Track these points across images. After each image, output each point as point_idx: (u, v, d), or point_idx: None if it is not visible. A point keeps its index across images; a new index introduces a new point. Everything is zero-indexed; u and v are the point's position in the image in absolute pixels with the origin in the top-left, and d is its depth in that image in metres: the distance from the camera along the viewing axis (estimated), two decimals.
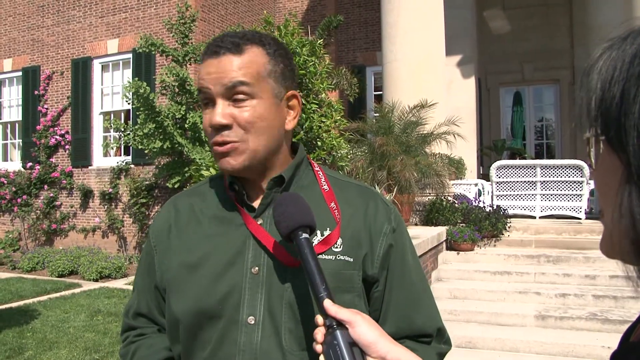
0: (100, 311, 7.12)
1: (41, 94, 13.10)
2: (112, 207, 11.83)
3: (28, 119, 13.31)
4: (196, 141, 9.24)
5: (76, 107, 12.50)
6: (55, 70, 12.97)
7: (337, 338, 0.95)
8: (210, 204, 1.25)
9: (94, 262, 9.77)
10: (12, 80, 14.06)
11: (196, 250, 1.19)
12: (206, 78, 1.16)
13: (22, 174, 13.09)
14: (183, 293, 1.17)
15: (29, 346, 5.75)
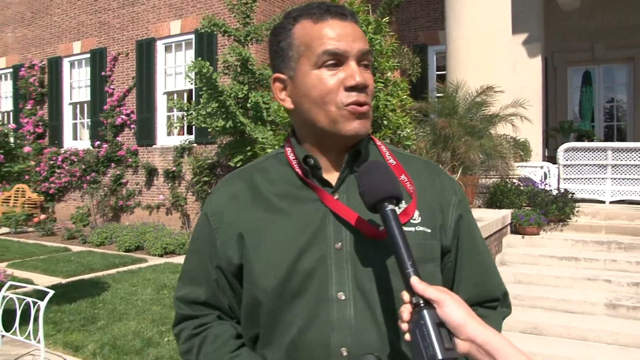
0: (166, 285, 7.33)
1: (108, 75, 13.47)
2: (176, 185, 12.11)
3: (96, 100, 13.74)
4: (258, 120, 9.32)
5: (140, 87, 12.80)
6: (120, 52, 13.29)
7: (424, 317, 0.92)
8: (276, 181, 1.22)
9: (159, 238, 10.05)
10: (80, 62, 14.51)
11: (272, 229, 1.16)
12: (340, 38, 1.14)
13: (91, 152, 13.57)
14: (263, 273, 1.14)
15: (101, 316, 5.99)
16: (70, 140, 14.66)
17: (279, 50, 1.20)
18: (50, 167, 14.38)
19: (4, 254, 9.92)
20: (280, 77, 1.21)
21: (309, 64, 1.15)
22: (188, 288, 1.27)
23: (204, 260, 1.24)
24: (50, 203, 14.69)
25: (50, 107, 14.92)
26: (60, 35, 14.73)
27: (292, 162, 1.22)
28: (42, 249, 10.62)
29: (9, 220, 13.11)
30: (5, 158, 5.02)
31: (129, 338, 5.24)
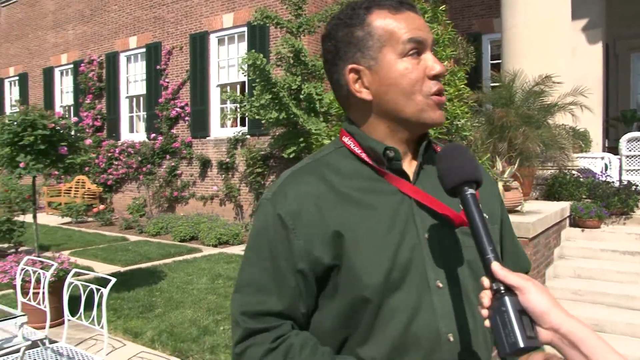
0: (221, 275, 7.44)
1: (162, 68, 13.73)
2: (229, 176, 12.28)
3: (151, 93, 14.04)
4: (311, 112, 9.33)
5: (194, 80, 13.00)
6: (175, 46, 13.53)
7: (506, 304, 0.90)
8: (349, 176, 1.17)
9: (213, 229, 10.22)
10: (136, 56, 14.85)
11: (365, 225, 1.12)
12: (419, 27, 1.15)
13: (147, 144, 13.89)
14: (367, 271, 1.10)
15: (158, 304, 6.13)
16: (127, 132, 15.04)
17: (353, 40, 1.16)
18: (108, 159, 14.80)
19: (66, 243, 10.29)
20: (356, 68, 1.16)
21: (394, 53, 1.13)
22: (256, 298, 1.13)
23: (277, 266, 1.13)
24: (109, 194, 15.13)
25: (108, 100, 15.34)
26: (117, 31, 15.10)
27: (360, 154, 1.18)
28: (102, 238, 10.95)
29: (70, 210, 13.57)
30: (69, 150, 5.18)
31: (185, 326, 5.35)
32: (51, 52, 17.51)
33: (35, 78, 18.23)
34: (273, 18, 9.73)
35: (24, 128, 4.98)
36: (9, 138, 4.97)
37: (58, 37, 17.22)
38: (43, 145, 5.03)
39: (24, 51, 18.81)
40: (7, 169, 5.13)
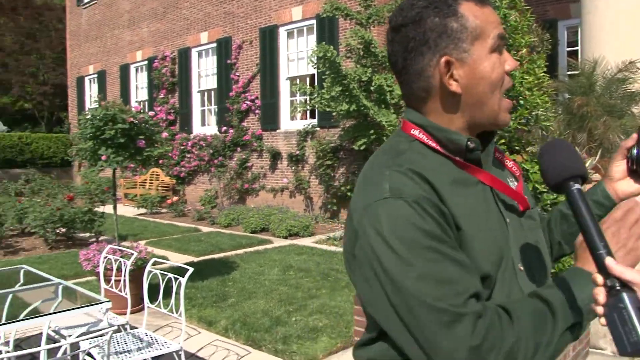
0: (292, 267, 7.51)
1: (233, 62, 13.96)
2: (299, 169, 12.36)
3: (222, 87, 14.30)
4: (381, 103, 9.26)
5: (264, 73, 13.15)
6: (245, 40, 13.71)
7: (624, 301, 0.87)
8: (434, 170, 1.11)
9: (284, 221, 10.32)
10: (207, 51, 15.16)
11: (466, 218, 1.08)
12: (500, 23, 1.16)
13: (218, 137, 14.18)
14: (482, 259, 1.07)
15: (231, 294, 6.24)
16: (199, 126, 15.40)
17: (447, 31, 1.12)
18: (181, 152, 15.22)
19: (142, 233, 10.65)
20: (449, 60, 1.12)
21: (486, 47, 1.13)
22: (450, 290, 0.99)
23: (441, 249, 1.01)
24: (181, 186, 15.56)
25: (181, 95, 15.74)
26: (189, 27, 15.46)
27: (436, 147, 1.16)
28: (175, 229, 11.27)
29: (145, 201, 14.05)
30: (146, 143, 5.35)
31: (258, 316, 5.42)
32: (127, 49, 18.13)
33: (113, 75, 18.94)
34: (342, 10, 9.69)
35: (105, 122, 5.18)
36: (91, 132, 5.18)
37: (133, 35, 17.80)
38: (122, 139, 5.21)
39: (102, 50, 19.57)
40: (89, 161, 5.34)
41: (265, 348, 4.67)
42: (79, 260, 5.82)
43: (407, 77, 1.17)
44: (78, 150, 5.30)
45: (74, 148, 6.02)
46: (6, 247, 9.56)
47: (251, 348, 4.73)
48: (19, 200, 11.95)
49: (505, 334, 0.97)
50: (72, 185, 17.32)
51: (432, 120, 1.17)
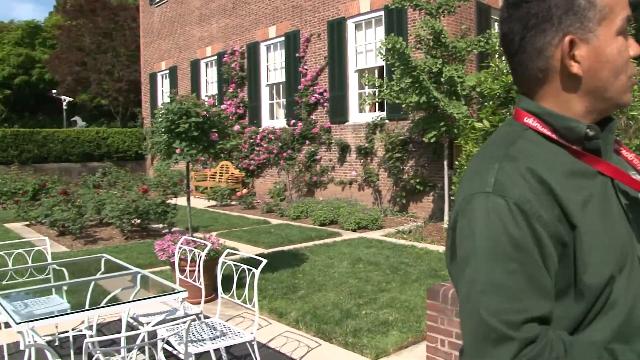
0: (361, 260, 7.47)
1: (301, 56, 14.01)
2: (368, 161, 12.30)
3: (290, 80, 14.40)
4: (452, 95, 9.07)
5: (332, 66, 13.14)
6: (312, 33, 13.74)
7: None
8: (551, 163, 1.05)
9: (352, 213, 10.29)
10: (276, 45, 15.29)
11: (588, 212, 1.03)
12: (628, 7, 1.09)
13: (287, 130, 14.30)
14: (596, 262, 1.01)
15: (301, 286, 6.27)
16: (267, 119, 15.57)
17: (574, 7, 1.05)
18: (250, 145, 15.43)
19: (213, 225, 10.88)
20: (573, 39, 1.06)
21: (613, 28, 1.06)
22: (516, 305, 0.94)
23: (527, 265, 0.96)
24: (250, 178, 15.79)
25: (250, 89, 15.95)
26: (257, 22, 15.62)
27: (552, 136, 1.09)
28: (245, 221, 11.45)
29: (215, 194, 14.34)
30: (219, 136, 5.44)
31: (328, 308, 5.42)
32: (197, 45, 18.53)
33: (184, 70, 19.41)
34: (411, 0, 9.54)
35: (180, 116, 5.29)
36: (166, 126, 5.31)
37: (203, 31, 18.17)
38: (196, 132, 5.32)
39: (174, 46, 20.08)
40: (164, 154, 5.48)
41: (335, 341, 4.66)
42: (154, 250, 5.99)
43: (524, 56, 1.11)
44: (153, 144, 5.45)
45: (150, 141, 6.23)
46: (86, 237, 9.97)
47: (321, 340, 4.73)
48: (97, 192, 12.45)
49: None
50: (145, 177, 17.92)
51: (546, 107, 1.11)
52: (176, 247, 4.86)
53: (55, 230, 10.31)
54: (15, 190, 14.99)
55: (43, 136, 21.95)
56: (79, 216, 10.02)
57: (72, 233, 9.97)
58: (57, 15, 40.45)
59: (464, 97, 9.22)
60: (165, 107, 5.45)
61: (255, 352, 3.70)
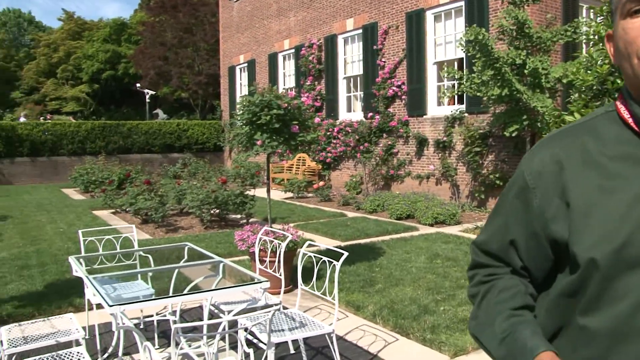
0: (439, 255, 7.35)
1: (379, 48, 13.90)
2: (446, 155, 12.08)
3: (368, 73, 14.32)
4: (536, 87, 8.74)
5: (411, 58, 12.96)
6: (391, 25, 13.59)
7: None
8: (609, 142, 1.11)
9: (430, 208, 10.13)
10: (353, 38, 15.24)
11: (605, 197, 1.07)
12: None
13: (364, 123, 14.25)
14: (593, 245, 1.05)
15: (378, 280, 6.23)
16: (344, 112, 15.56)
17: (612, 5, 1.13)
18: (327, 138, 15.48)
19: (289, 216, 10.99)
20: (610, 34, 1.16)
21: (620, 15, 1.09)
22: (484, 236, 1.31)
23: (506, 216, 1.25)
24: (327, 171, 15.85)
25: (327, 81, 15.99)
26: (335, 14, 15.61)
27: (628, 119, 1.10)
28: (321, 213, 11.50)
29: (292, 186, 14.48)
30: (300, 128, 5.46)
31: (405, 303, 5.35)
32: (275, 38, 18.74)
33: (262, 64, 19.69)
34: None
35: (261, 108, 5.36)
36: (248, 118, 5.38)
37: (281, 24, 18.35)
38: (277, 124, 5.36)
39: (252, 40, 20.40)
40: (245, 146, 5.56)
41: (413, 336, 4.60)
42: (234, 240, 6.10)
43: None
44: (235, 135, 5.54)
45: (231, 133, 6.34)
46: (167, 225, 10.31)
47: (399, 335, 4.69)
48: (177, 182, 12.83)
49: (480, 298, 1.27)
50: (223, 169, 18.33)
51: (629, 91, 1.13)
52: (256, 237, 4.93)
53: (139, 218, 10.71)
54: (102, 180, 15.70)
55: (128, 128, 22.87)
56: (161, 205, 10.36)
57: (154, 221, 10.33)
58: (142, 12, 42.00)
59: (549, 89, 8.87)
60: (247, 99, 5.53)
61: (334, 344, 3.70)
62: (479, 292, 1.26)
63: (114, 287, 4.53)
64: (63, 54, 46.92)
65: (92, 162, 18.33)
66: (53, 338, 3.55)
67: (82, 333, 3.66)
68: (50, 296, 5.89)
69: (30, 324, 3.86)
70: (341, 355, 3.94)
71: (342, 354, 4.06)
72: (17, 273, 6.94)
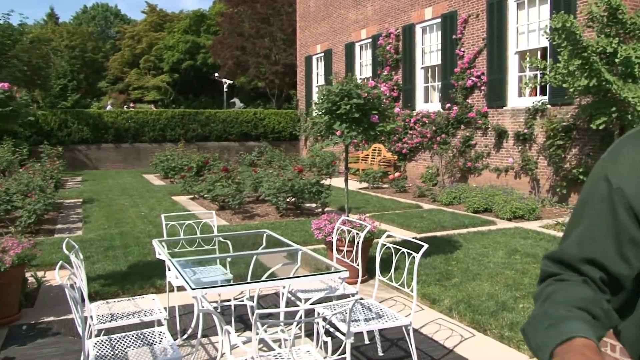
0: (517, 251, 7.14)
1: (458, 37, 13.59)
2: (526, 148, 11.70)
3: (446, 63, 14.04)
4: (627, 77, 8.30)
5: (491, 48, 12.60)
6: (471, 14, 13.25)
7: None
8: None
9: (508, 202, 9.86)
10: (431, 27, 14.97)
11: None
12: None
13: (441, 114, 14.01)
14: None
15: (455, 273, 6.13)
16: (421, 103, 15.35)
17: None
18: (404, 128, 15.32)
19: (365, 207, 10.97)
20: None
21: None
22: (560, 248, 1.19)
23: (589, 224, 1.14)
24: (402, 162, 15.71)
25: (404, 72, 15.80)
26: (413, 3, 15.38)
27: None
28: (396, 204, 11.41)
29: (367, 176, 14.44)
30: (379, 118, 5.42)
31: (483, 299, 5.24)
32: (352, 28, 18.67)
33: (338, 53, 19.68)
34: None
35: (341, 97, 5.35)
36: (327, 107, 5.39)
37: (358, 13, 18.25)
38: (357, 114, 5.34)
39: (329, 29, 20.41)
40: (324, 135, 5.58)
41: (490, 333, 4.50)
42: (311, 228, 6.15)
43: None
44: (313, 124, 5.56)
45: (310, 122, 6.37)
46: (244, 212, 10.52)
47: (475, 331, 4.60)
48: (254, 170, 13.06)
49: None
50: (299, 158, 18.49)
51: None
52: (333, 226, 4.94)
53: (216, 205, 10.97)
54: (181, 166, 16.19)
55: (206, 116, 23.46)
56: (238, 192, 10.58)
57: (231, 208, 10.55)
58: (220, 4, 42.79)
59: None
60: (326, 89, 5.53)
61: (410, 336, 3.67)
62: (542, 294, 1.17)
63: (193, 271, 4.67)
64: (146, 45, 48.66)
65: (172, 149, 18.93)
66: (137, 317, 3.69)
67: (165, 314, 3.78)
68: (133, 276, 6.14)
69: (116, 302, 4.04)
70: (416, 348, 3.90)
71: (417, 347, 4.02)
72: (103, 254, 7.28)
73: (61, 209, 11.47)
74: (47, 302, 5.54)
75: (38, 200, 8.97)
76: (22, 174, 11.09)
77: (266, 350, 3.78)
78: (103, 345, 3.21)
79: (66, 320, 4.98)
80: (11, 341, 4.55)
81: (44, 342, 4.50)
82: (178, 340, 4.36)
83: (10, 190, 9.43)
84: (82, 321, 2.84)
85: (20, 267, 5.00)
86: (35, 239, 7.70)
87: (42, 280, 6.08)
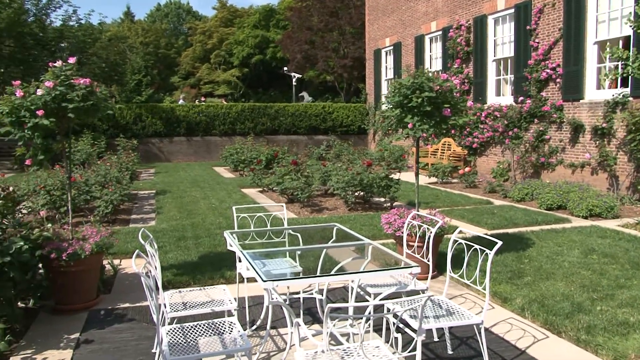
0: (595, 250, 6.87)
1: (532, 28, 13.16)
2: (604, 143, 11.21)
3: (519, 55, 13.63)
4: None
5: (568, 38, 12.12)
6: (546, 3, 12.79)
7: None
8: None
9: (584, 199, 9.49)
10: (504, 18, 14.55)
11: None
12: None
13: (514, 108, 13.62)
14: None
15: (527, 272, 5.96)
16: (493, 96, 14.97)
17: None
18: (475, 122, 15.00)
19: (434, 202, 10.82)
20: None
21: None
22: None
23: None
24: (472, 157, 15.40)
25: (475, 64, 15.45)
26: None
27: None
28: (466, 200, 11.19)
29: (437, 170, 14.23)
30: (452, 112, 5.32)
31: (557, 299, 5.07)
32: (422, 20, 18.41)
33: (407, 46, 19.45)
34: None
35: (413, 90, 5.28)
36: (399, 100, 5.33)
37: (428, 5, 17.97)
38: (429, 107, 5.26)
39: (398, 22, 20.20)
40: (394, 129, 5.53)
41: (565, 335, 4.35)
42: (380, 223, 6.11)
43: None
44: (385, 118, 5.52)
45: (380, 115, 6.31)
46: (312, 205, 10.58)
47: (549, 332, 4.45)
48: (323, 163, 13.11)
49: None
50: (367, 152, 18.43)
51: None
52: (404, 221, 4.90)
53: (285, 198, 11.09)
54: (251, 159, 16.46)
55: (275, 110, 23.76)
56: (306, 185, 10.65)
57: (300, 201, 10.64)
58: None
59: None
60: (397, 82, 5.47)
61: (482, 335, 3.59)
62: None
63: (262, 263, 4.73)
64: (216, 41, 49.74)
65: (242, 142, 19.29)
66: (208, 307, 3.78)
67: (235, 304, 3.85)
68: (203, 267, 6.30)
69: (188, 291, 4.15)
70: (487, 348, 3.81)
71: (487, 346, 3.93)
72: (175, 244, 7.49)
73: (135, 200, 11.89)
74: (122, 289, 5.76)
75: (115, 191, 9.34)
76: (100, 165, 11.60)
77: (334, 344, 3.79)
78: (176, 333, 3.30)
79: (140, 307, 5.17)
80: (90, 325, 4.76)
81: (120, 328, 4.68)
82: (247, 331, 4.44)
83: (89, 181, 9.87)
84: (156, 309, 2.93)
85: (99, 255, 5.22)
86: (112, 228, 8.02)
87: (118, 268, 6.34)
